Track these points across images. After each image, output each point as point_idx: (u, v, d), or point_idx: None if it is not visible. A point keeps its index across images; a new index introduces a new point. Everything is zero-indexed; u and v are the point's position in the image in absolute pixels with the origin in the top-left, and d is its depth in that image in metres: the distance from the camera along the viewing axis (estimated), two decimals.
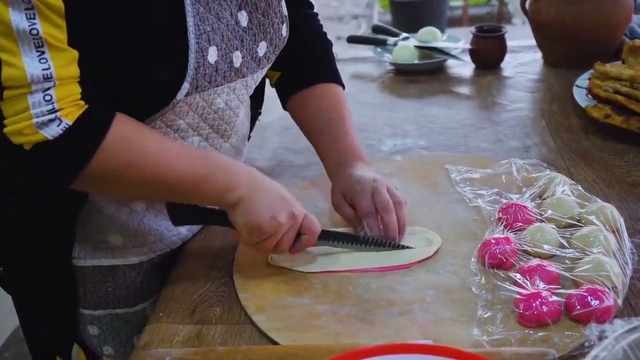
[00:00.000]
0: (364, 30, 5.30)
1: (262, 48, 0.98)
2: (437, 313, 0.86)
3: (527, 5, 1.66)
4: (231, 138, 1.03)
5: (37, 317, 1.09)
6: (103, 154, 0.81)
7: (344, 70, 1.73)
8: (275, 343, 0.84)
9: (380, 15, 5.45)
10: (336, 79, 1.14)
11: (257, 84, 1.03)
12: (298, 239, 0.93)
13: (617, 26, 1.56)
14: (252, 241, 0.91)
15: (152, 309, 0.96)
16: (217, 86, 0.92)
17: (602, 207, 0.98)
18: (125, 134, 0.84)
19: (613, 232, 0.94)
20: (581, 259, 0.89)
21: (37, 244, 1.00)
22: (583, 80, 1.41)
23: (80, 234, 1.00)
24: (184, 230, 1.06)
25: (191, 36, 0.86)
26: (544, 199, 1.04)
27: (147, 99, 0.88)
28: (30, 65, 0.76)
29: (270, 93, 1.20)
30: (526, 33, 1.73)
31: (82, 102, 0.81)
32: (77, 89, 0.80)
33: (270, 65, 1.02)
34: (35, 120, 0.77)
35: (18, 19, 0.74)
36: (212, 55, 0.89)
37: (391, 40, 1.78)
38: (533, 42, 1.70)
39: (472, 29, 1.69)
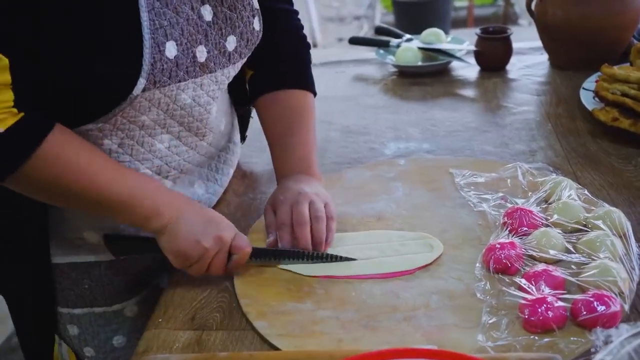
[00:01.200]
0: (365, 31, 5.32)
1: (231, 42, 0.99)
2: (441, 319, 0.87)
3: (533, 6, 1.68)
4: (207, 136, 1.05)
5: (20, 317, 1.12)
6: (32, 166, 0.84)
7: (346, 72, 1.77)
8: (277, 349, 0.85)
9: (383, 16, 5.47)
10: (306, 85, 1.15)
11: (230, 79, 1.04)
12: (230, 258, 0.95)
13: (625, 28, 1.58)
14: (181, 266, 0.95)
15: (150, 314, 0.97)
16: (180, 81, 0.94)
17: (609, 211, 0.99)
18: (60, 148, 0.87)
19: (620, 237, 0.96)
20: (587, 264, 0.91)
21: (14, 243, 1.04)
22: (590, 82, 1.42)
23: (54, 231, 1.04)
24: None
25: (145, 31, 0.88)
26: (550, 204, 1.05)
27: (102, 94, 0.89)
28: None
29: None
30: (533, 34, 1.74)
31: (16, 110, 0.83)
32: (9, 96, 0.82)
33: (244, 60, 1.04)
34: None
35: None
36: (171, 50, 0.91)
37: (394, 41, 1.80)
38: (539, 43, 1.72)
39: (477, 30, 1.71)
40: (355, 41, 1.89)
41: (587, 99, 1.38)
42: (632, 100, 1.28)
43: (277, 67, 1.13)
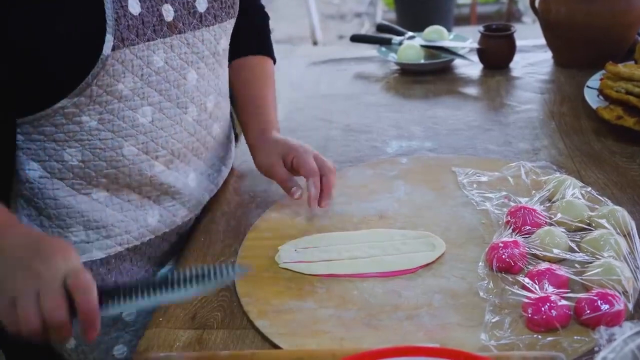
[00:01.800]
0: (367, 29, 5.33)
1: (201, 3, 1.00)
2: (444, 318, 0.88)
3: (536, 3, 1.69)
4: (189, 109, 1.04)
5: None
6: None
7: (348, 70, 1.78)
8: (278, 348, 0.86)
9: (384, 13, 5.48)
10: (268, 52, 1.26)
11: (209, 45, 1.04)
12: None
13: (629, 25, 1.59)
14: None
15: (150, 313, 0.98)
16: (149, 41, 0.95)
17: (613, 210, 1.00)
18: None
19: (624, 235, 0.97)
20: (591, 262, 0.91)
21: None
22: (594, 80, 1.43)
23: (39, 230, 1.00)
24: (153, 222, 1.07)
25: None
26: (554, 202, 1.06)
27: (69, 57, 0.89)
28: None
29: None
30: (537, 32, 1.75)
31: None
32: None
33: (220, 23, 1.05)
34: None
35: None
36: (134, 6, 0.92)
37: (396, 39, 1.81)
38: (543, 41, 1.72)
39: (480, 27, 1.72)
40: (356, 39, 1.90)
41: (592, 97, 1.38)
42: (636, 98, 1.29)
43: (242, 35, 1.18)
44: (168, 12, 0.96)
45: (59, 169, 0.98)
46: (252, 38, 1.24)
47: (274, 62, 1.27)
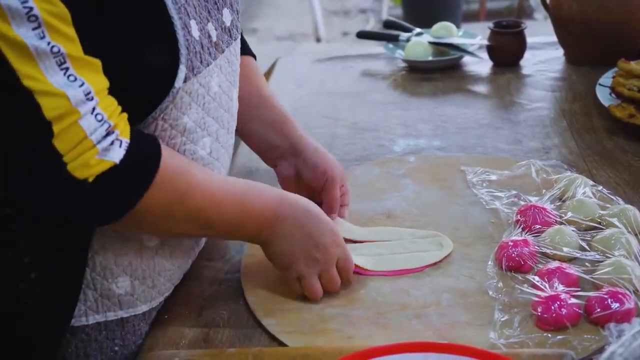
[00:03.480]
0: (372, 25, 5.36)
1: (226, 16, 0.98)
2: (453, 316, 0.91)
3: None
4: (231, 129, 1.02)
5: None
6: (161, 181, 0.82)
7: (354, 67, 1.81)
8: (285, 347, 0.89)
9: (390, 9, 5.51)
10: (250, 51, 1.18)
11: (239, 59, 1.03)
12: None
13: None
14: (303, 275, 0.95)
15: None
16: (208, 65, 0.91)
17: (624, 209, 1.03)
18: (176, 159, 0.86)
19: (635, 234, 1.00)
20: (602, 261, 0.95)
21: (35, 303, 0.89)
22: (607, 78, 1.46)
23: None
24: (189, 262, 1.04)
25: (172, 11, 0.84)
26: (564, 201, 1.09)
27: (144, 92, 0.85)
28: (65, 86, 0.73)
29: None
30: (548, 29, 1.78)
31: (125, 115, 0.80)
32: (114, 100, 0.79)
33: (239, 35, 1.03)
34: (99, 146, 0.76)
35: (32, 39, 0.71)
36: (195, 29, 0.88)
37: (404, 35, 1.83)
38: (554, 38, 1.75)
39: (490, 24, 1.75)
40: (363, 35, 1.93)
41: (603, 95, 1.41)
42: None
43: None
44: (212, 32, 0.93)
45: None
46: None
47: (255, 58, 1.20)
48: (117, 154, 0.77)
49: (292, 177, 1.13)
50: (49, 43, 0.72)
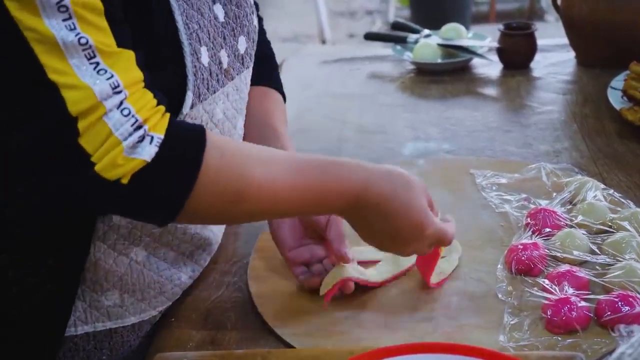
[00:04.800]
0: (379, 27, 5.39)
1: (242, 44, 0.98)
2: (462, 319, 0.93)
3: (558, 1, 1.74)
4: None
5: None
6: (207, 171, 0.77)
7: (361, 70, 1.83)
8: (293, 348, 0.92)
9: (398, 10, 5.54)
10: (282, 90, 1.16)
11: (248, 87, 1.03)
12: None
13: None
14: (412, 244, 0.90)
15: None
16: (214, 92, 0.92)
17: (635, 212, 1.06)
18: (222, 144, 0.80)
19: None
20: (612, 265, 0.97)
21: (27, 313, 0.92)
22: (618, 81, 1.48)
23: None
24: (185, 278, 1.03)
25: (183, 37, 0.85)
26: (575, 205, 1.11)
27: None
28: (92, 79, 0.72)
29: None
30: (559, 31, 1.80)
31: (162, 108, 0.77)
32: (149, 94, 0.77)
33: (252, 63, 1.03)
34: (124, 143, 0.73)
35: (61, 31, 0.70)
36: (204, 56, 0.88)
37: (412, 37, 1.85)
38: (566, 40, 1.77)
39: (500, 26, 1.77)
40: (370, 37, 1.95)
41: (615, 98, 1.43)
42: None
43: (258, 68, 1.10)
44: (224, 58, 0.93)
45: (104, 231, 0.91)
46: (262, 70, 1.14)
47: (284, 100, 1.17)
48: (147, 152, 0.74)
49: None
50: (78, 34, 0.71)
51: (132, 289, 0.96)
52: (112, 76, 0.73)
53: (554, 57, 1.79)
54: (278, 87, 1.16)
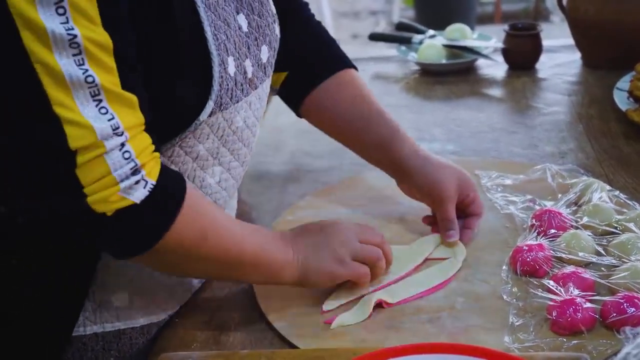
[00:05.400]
0: (382, 27, 5.40)
1: (264, 53, 1.00)
2: (467, 320, 0.94)
3: (564, 1, 1.75)
4: (246, 163, 1.04)
5: None
6: (181, 222, 0.83)
7: (365, 70, 1.83)
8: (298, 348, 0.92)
9: (402, 11, 5.55)
10: (350, 63, 1.17)
11: (267, 95, 1.05)
12: None
13: None
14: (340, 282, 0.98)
15: None
16: (237, 102, 0.94)
17: None
18: (199, 199, 0.87)
19: None
20: (618, 266, 0.97)
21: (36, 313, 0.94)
22: (624, 82, 1.49)
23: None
24: (196, 282, 1.05)
25: (212, 47, 0.87)
26: (580, 206, 1.12)
27: (169, 122, 0.88)
28: (94, 118, 0.74)
29: None
30: (565, 32, 1.81)
31: (157, 154, 0.82)
32: (149, 138, 0.81)
33: (272, 72, 1.05)
34: (121, 185, 0.77)
35: (69, 67, 0.73)
36: (231, 66, 0.91)
37: (417, 38, 1.86)
38: (571, 41, 1.78)
39: (505, 26, 1.78)
40: (375, 37, 1.96)
41: (621, 99, 1.44)
42: None
43: (318, 56, 1.15)
44: (249, 68, 0.95)
45: None
46: (330, 54, 1.16)
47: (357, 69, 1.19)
48: (139, 195, 0.78)
49: (414, 193, 1.13)
50: (85, 72, 0.73)
51: (141, 291, 0.98)
52: (113, 117, 0.76)
53: (560, 58, 1.80)
54: (348, 64, 1.17)
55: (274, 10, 1.04)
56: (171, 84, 0.86)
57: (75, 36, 0.72)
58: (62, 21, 0.72)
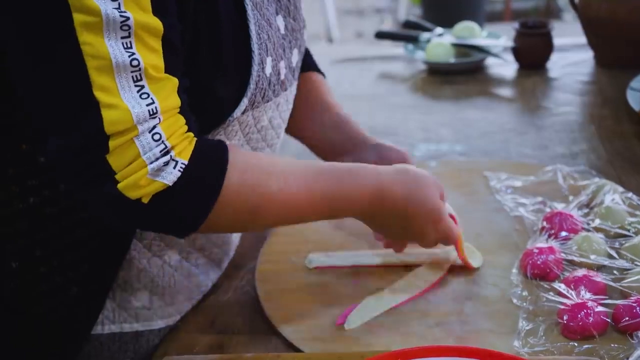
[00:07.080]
0: (388, 25, 5.41)
1: (295, 56, 1.02)
2: (476, 324, 0.95)
3: None
4: None
5: None
6: (227, 192, 0.82)
7: (371, 70, 1.86)
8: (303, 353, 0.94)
9: (408, 8, 5.56)
10: (317, 68, 1.23)
11: (294, 99, 1.08)
12: None
13: None
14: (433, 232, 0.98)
15: None
16: (268, 102, 0.96)
17: None
18: (243, 164, 0.85)
19: None
20: (631, 269, 0.98)
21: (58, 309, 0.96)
22: (638, 82, 1.49)
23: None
24: (210, 285, 1.07)
25: (255, 46, 0.89)
26: (592, 208, 1.13)
27: (204, 116, 0.88)
28: (133, 103, 0.75)
29: None
30: (577, 30, 1.82)
31: (191, 134, 0.82)
32: (182, 120, 0.81)
33: (299, 75, 1.07)
34: (150, 167, 0.77)
35: (116, 50, 0.74)
36: (268, 66, 0.93)
37: (424, 36, 1.87)
38: (583, 40, 1.79)
39: (515, 24, 1.79)
40: (381, 35, 1.97)
41: (635, 100, 1.45)
42: None
43: None
44: (282, 70, 0.97)
45: (141, 230, 0.95)
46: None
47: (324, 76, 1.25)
48: (170, 176, 0.78)
49: None
50: (132, 55, 0.74)
51: (161, 292, 1.00)
52: (152, 102, 0.77)
53: (571, 57, 1.81)
54: (317, 69, 1.23)
55: (303, 16, 1.07)
56: (211, 78, 0.87)
57: (127, 18, 0.74)
58: (115, 6, 0.73)
